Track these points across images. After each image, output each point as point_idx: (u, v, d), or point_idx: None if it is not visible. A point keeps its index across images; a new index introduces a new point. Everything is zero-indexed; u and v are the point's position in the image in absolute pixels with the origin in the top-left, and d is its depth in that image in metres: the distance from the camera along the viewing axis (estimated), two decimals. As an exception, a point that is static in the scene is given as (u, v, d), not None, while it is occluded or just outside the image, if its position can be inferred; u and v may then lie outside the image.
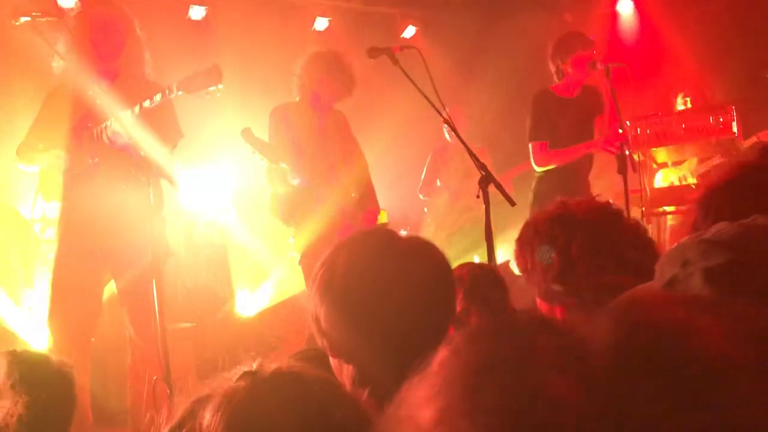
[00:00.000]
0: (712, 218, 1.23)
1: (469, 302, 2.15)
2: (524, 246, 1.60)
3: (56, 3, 4.90)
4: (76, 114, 3.20)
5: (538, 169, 4.32)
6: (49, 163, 3.22)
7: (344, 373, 1.29)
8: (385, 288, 1.24)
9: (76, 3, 4.89)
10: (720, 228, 0.93)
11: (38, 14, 2.70)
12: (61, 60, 3.11)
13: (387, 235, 1.37)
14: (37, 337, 4.12)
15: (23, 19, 2.69)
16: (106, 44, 3.22)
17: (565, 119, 4.27)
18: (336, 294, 1.26)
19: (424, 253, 1.33)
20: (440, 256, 1.35)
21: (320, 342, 1.32)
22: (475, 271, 2.30)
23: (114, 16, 3.27)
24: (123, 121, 3.00)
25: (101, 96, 3.10)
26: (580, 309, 1.46)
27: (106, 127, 3.10)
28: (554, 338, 0.47)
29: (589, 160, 4.49)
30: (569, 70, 4.27)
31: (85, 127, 3.18)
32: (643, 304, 0.52)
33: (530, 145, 4.34)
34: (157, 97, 2.99)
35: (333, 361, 1.32)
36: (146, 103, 3.00)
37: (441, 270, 1.33)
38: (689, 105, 5.74)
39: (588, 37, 4.34)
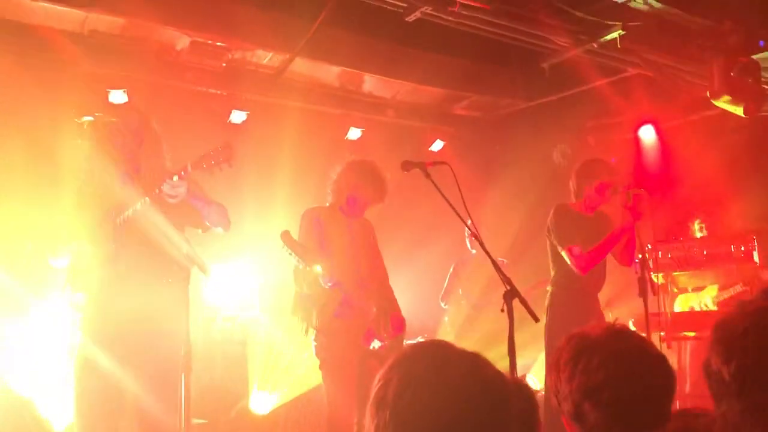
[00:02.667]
0: None
1: None
2: (549, 374, 1.66)
3: (107, 99, 5.21)
4: (102, 208, 3.34)
5: (583, 274, 4.32)
6: (75, 252, 3.30)
7: None
8: (438, 412, 1.24)
9: (125, 99, 5.21)
10: None
11: (100, 115, 2.91)
12: (93, 159, 3.29)
13: (444, 353, 1.35)
14: (60, 418, 4.13)
15: (87, 119, 2.89)
16: (124, 144, 3.39)
17: (582, 235, 4.37)
18: (390, 412, 1.25)
19: (480, 376, 1.31)
20: (494, 373, 1.33)
21: None
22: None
23: (131, 118, 3.46)
24: (147, 205, 3.12)
25: (124, 189, 3.27)
26: None
27: (134, 209, 3.20)
28: None
29: (599, 278, 4.55)
30: (591, 192, 4.44)
31: (109, 216, 3.30)
32: None
33: (564, 252, 4.36)
34: (175, 178, 3.12)
35: None
36: (165, 187, 3.13)
37: (495, 392, 1.31)
38: (705, 231, 5.82)
39: (613, 166, 4.51)
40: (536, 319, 3.04)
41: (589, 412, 1.57)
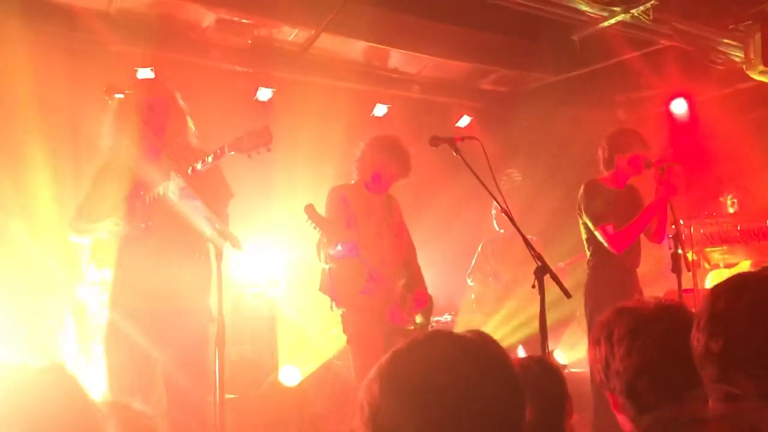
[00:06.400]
0: None
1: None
2: (597, 347, 1.63)
3: (135, 76, 5.22)
4: (129, 184, 3.35)
5: (619, 254, 4.21)
6: (108, 230, 3.32)
7: None
8: (466, 400, 1.19)
9: (152, 77, 5.21)
10: None
11: (131, 92, 2.92)
12: (119, 136, 3.29)
13: (449, 340, 1.30)
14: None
15: (118, 96, 2.90)
16: (152, 121, 3.38)
17: (615, 210, 4.27)
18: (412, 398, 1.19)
19: (485, 357, 1.27)
20: (498, 353, 1.29)
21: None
22: (527, 365, 2.24)
23: (157, 94, 3.45)
24: (179, 183, 3.11)
25: (152, 166, 3.27)
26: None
27: (165, 187, 3.18)
28: None
29: (637, 254, 4.46)
30: (623, 164, 4.32)
31: (137, 194, 3.31)
32: None
33: (598, 232, 4.25)
34: (209, 158, 3.10)
35: None
36: (198, 165, 3.12)
37: (514, 378, 1.27)
38: (737, 207, 5.72)
39: (646, 140, 4.39)
40: (568, 296, 3.01)
41: (644, 389, 1.54)
